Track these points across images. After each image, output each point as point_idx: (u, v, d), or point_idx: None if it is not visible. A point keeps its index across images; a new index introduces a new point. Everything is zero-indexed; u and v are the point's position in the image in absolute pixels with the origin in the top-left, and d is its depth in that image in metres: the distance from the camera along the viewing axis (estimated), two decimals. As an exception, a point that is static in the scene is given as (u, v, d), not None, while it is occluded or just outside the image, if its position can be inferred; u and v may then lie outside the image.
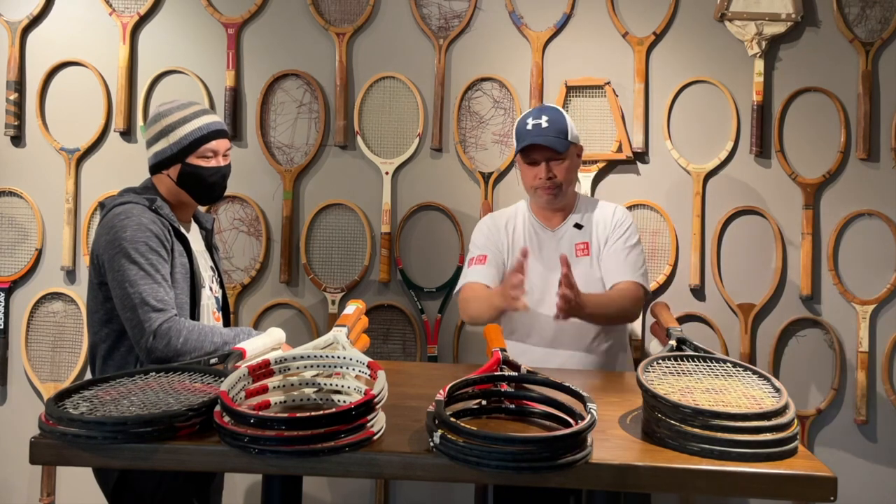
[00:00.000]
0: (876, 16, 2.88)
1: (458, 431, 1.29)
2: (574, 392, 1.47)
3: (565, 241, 2.36)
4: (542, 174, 2.28)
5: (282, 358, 1.52)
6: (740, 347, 2.88)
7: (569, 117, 2.34)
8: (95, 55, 3.01)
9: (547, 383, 1.53)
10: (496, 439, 1.27)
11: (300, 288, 3.01)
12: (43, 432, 1.36)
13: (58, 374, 2.99)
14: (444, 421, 1.31)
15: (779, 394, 1.47)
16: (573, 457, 1.29)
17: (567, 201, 2.39)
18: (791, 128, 2.91)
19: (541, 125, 2.27)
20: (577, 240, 2.35)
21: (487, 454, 1.26)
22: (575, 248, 2.34)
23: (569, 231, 2.37)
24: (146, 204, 1.98)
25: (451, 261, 2.97)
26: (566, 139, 2.27)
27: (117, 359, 1.98)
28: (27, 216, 3.03)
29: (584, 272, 2.30)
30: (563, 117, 2.31)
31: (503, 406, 1.54)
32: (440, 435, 1.30)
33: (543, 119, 2.28)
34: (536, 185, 2.31)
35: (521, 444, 1.27)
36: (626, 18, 2.94)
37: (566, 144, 2.27)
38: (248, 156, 3.00)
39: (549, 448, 1.28)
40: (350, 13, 3.00)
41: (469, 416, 1.50)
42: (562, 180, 2.29)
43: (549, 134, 2.25)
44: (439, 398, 1.38)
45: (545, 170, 2.27)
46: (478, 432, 1.28)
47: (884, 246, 2.88)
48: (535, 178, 2.29)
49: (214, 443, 1.34)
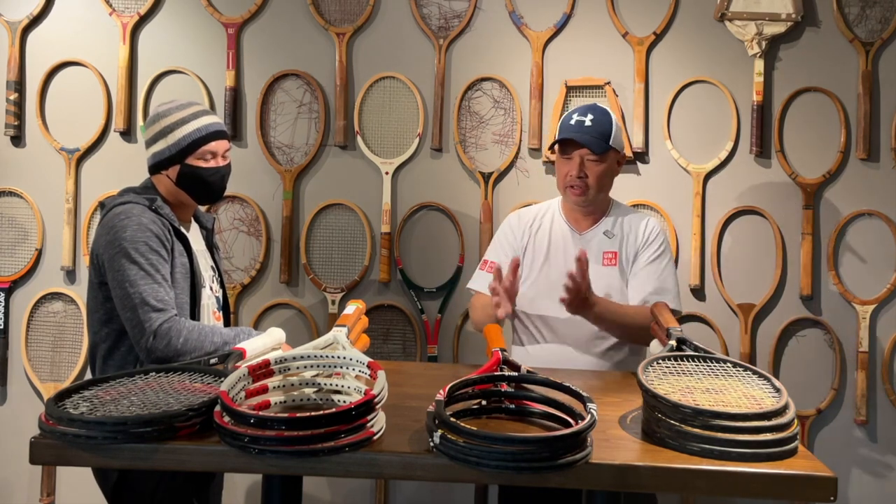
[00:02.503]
0: (876, 16, 2.88)
1: (458, 431, 1.28)
2: (574, 392, 1.47)
3: (593, 246, 2.30)
4: (574, 171, 2.22)
5: (282, 358, 1.52)
6: (740, 347, 2.88)
7: (617, 123, 2.28)
8: (95, 55, 3.01)
9: (547, 383, 1.52)
10: (496, 439, 1.27)
11: (300, 288, 3.01)
12: (43, 432, 1.36)
13: (58, 374, 2.99)
14: (444, 421, 1.31)
15: (779, 394, 1.47)
16: (573, 457, 1.29)
17: (598, 206, 2.33)
18: (791, 128, 2.91)
19: (584, 123, 2.22)
20: (606, 248, 2.30)
21: (487, 454, 1.26)
22: (603, 255, 2.29)
23: (597, 237, 2.32)
24: (146, 204, 1.98)
25: (451, 261, 2.97)
26: (607, 142, 2.22)
27: (117, 359, 1.98)
28: (27, 216, 3.03)
29: (608, 283, 2.26)
30: (610, 120, 2.25)
31: (503, 406, 1.54)
32: (440, 435, 1.30)
33: (588, 117, 2.23)
34: (567, 183, 2.26)
35: (521, 444, 1.27)
36: (626, 18, 2.94)
37: (604, 147, 2.21)
38: (248, 156, 3.00)
39: (549, 448, 1.28)
40: (350, 13, 3.00)
41: (469, 416, 1.50)
42: (593, 182, 2.23)
43: (590, 133, 2.21)
44: (439, 398, 1.38)
45: (578, 166, 2.22)
46: (478, 432, 1.28)
47: (884, 246, 2.88)
48: (567, 174, 2.25)
49: (214, 443, 1.34)
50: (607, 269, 2.28)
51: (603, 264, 2.28)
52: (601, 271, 2.26)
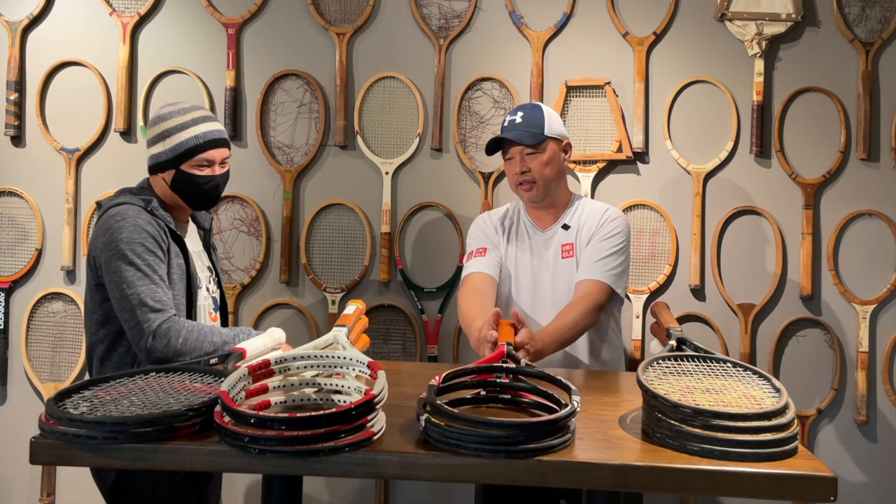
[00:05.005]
0: (876, 16, 2.88)
1: (442, 414, 1.34)
2: (563, 385, 1.52)
3: (554, 242, 2.32)
4: (517, 168, 2.26)
5: (282, 358, 1.52)
6: (740, 347, 2.88)
7: (550, 113, 2.30)
8: (95, 55, 3.01)
9: (540, 376, 1.57)
10: (476, 423, 1.32)
11: (300, 288, 3.01)
12: (43, 432, 1.36)
13: (58, 374, 2.99)
14: (431, 404, 1.37)
15: (779, 394, 1.47)
16: (550, 442, 1.33)
17: (556, 200, 2.34)
18: (791, 128, 2.91)
19: (515, 121, 2.26)
20: (564, 241, 2.31)
21: (466, 437, 1.31)
22: (561, 249, 2.31)
23: (557, 232, 2.33)
24: (142, 205, 1.98)
25: (451, 261, 2.97)
26: (541, 133, 2.24)
27: (115, 359, 1.98)
28: (27, 216, 3.03)
29: (568, 276, 2.27)
30: (541, 113, 2.28)
31: (499, 397, 1.59)
32: (425, 418, 1.35)
33: (518, 115, 2.27)
34: (515, 182, 2.30)
35: (498, 429, 1.32)
36: (626, 18, 2.94)
37: (538, 138, 2.23)
38: (248, 156, 3.00)
39: (526, 433, 1.32)
40: (350, 13, 3.00)
41: (467, 404, 1.55)
42: (538, 174, 2.25)
43: (521, 129, 2.24)
44: (433, 384, 1.44)
45: (519, 163, 2.26)
46: (459, 416, 1.33)
47: (884, 246, 2.88)
48: (513, 173, 2.29)
49: (214, 443, 1.34)
50: (566, 262, 2.30)
51: (562, 257, 2.30)
52: (561, 265, 2.29)
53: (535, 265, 2.32)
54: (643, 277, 2.92)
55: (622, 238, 2.27)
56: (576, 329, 2.14)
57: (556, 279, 2.29)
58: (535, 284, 2.30)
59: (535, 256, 2.33)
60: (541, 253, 2.32)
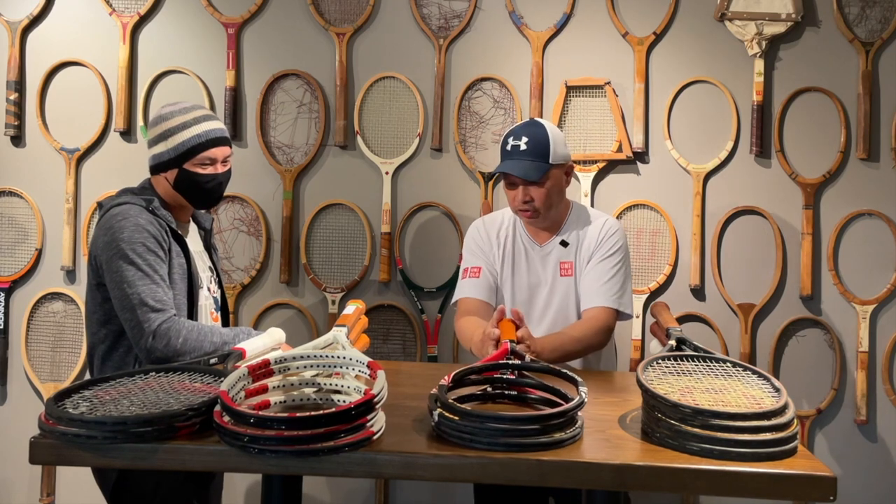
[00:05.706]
0: (876, 16, 2.88)
1: (454, 411, 1.37)
2: (569, 377, 1.55)
3: (552, 258, 2.29)
4: (520, 198, 2.19)
5: (282, 358, 1.52)
6: (740, 347, 2.88)
7: (554, 135, 2.20)
8: (95, 55, 3.01)
9: (545, 370, 1.61)
10: (487, 417, 1.35)
11: (300, 288, 3.01)
12: (43, 432, 1.36)
13: (58, 374, 2.99)
14: (443, 401, 1.40)
15: (778, 393, 1.47)
16: (561, 435, 1.36)
17: (554, 218, 2.29)
18: (791, 128, 2.91)
19: (519, 147, 2.17)
20: (563, 258, 2.28)
21: (479, 431, 1.34)
22: (560, 266, 2.28)
23: (555, 249, 2.29)
24: (143, 205, 1.98)
25: (451, 261, 2.97)
26: (546, 162, 2.16)
27: (115, 359, 1.98)
28: (27, 216, 3.03)
29: (565, 294, 2.26)
30: (546, 137, 2.18)
31: (506, 393, 1.63)
32: (438, 413, 1.39)
33: (523, 140, 2.17)
34: (515, 208, 2.24)
35: (510, 423, 1.35)
36: (626, 18, 2.94)
37: (543, 170, 2.15)
38: (248, 156, 3.00)
39: (536, 425, 1.35)
40: (350, 13, 3.00)
41: (475, 401, 1.59)
42: (540, 204, 2.19)
43: (526, 158, 2.16)
44: (443, 383, 1.47)
45: (522, 194, 2.18)
46: (471, 411, 1.36)
47: (884, 246, 2.88)
48: (514, 199, 2.22)
49: (214, 443, 1.34)
50: (564, 280, 2.28)
51: (560, 275, 2.28)
52: (559, 282, 2.27)
53: (532, 282, 2.30)
54: (643, 277, 2.92)
55: (622, 255, 2.26)
56: (580, 344, 2.14)
57: (553, 296, 2.28)
58: (532, 301, 2.29)
59: (532, 273, 2.30)
60: (538, 269, 2.30)
